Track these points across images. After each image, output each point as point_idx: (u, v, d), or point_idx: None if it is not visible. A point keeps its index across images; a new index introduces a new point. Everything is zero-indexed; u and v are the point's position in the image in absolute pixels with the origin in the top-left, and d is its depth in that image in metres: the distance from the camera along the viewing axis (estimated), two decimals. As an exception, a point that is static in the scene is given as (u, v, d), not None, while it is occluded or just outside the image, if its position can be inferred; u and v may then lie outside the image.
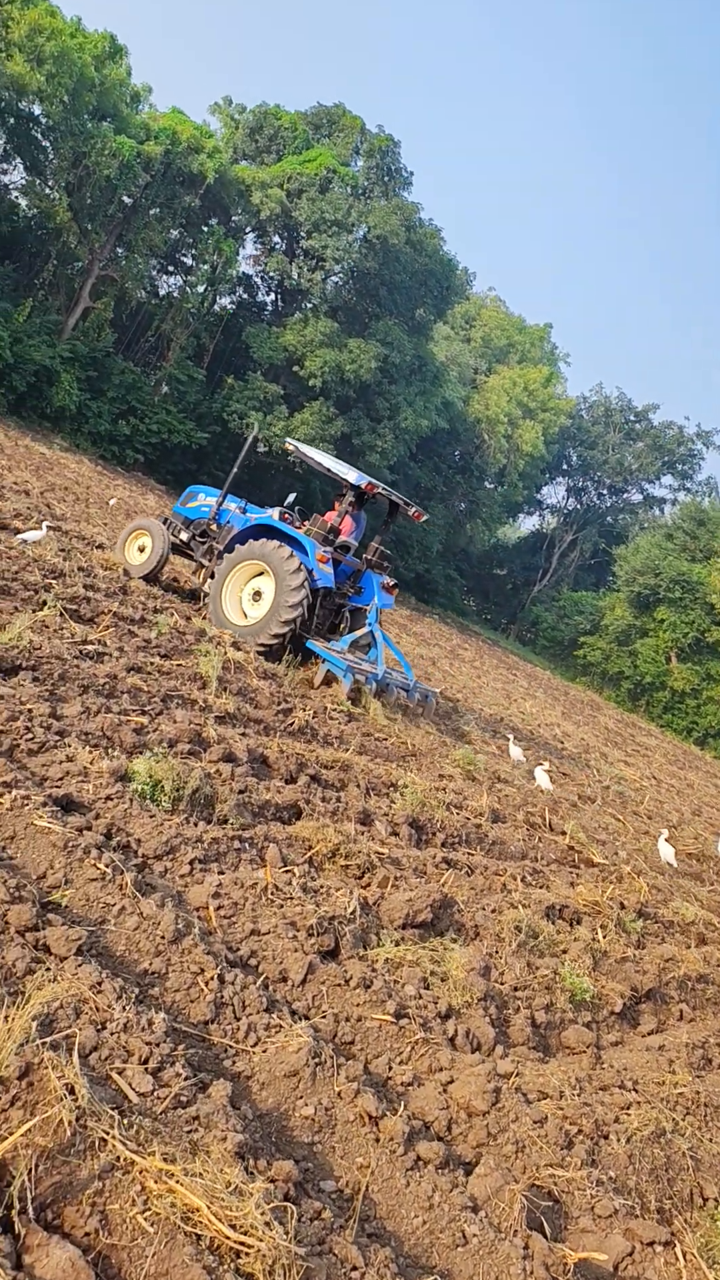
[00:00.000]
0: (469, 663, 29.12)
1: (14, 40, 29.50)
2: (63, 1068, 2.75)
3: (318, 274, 40.06)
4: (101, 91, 32.82)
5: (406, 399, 41.41)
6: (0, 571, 8.62)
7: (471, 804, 8.94)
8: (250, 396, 38.21)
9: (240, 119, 43.64)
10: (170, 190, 35.78)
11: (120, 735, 6.02)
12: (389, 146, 41.29)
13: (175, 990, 3.79)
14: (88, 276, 35.66)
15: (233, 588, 11.23)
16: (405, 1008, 4.38)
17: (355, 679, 10.63)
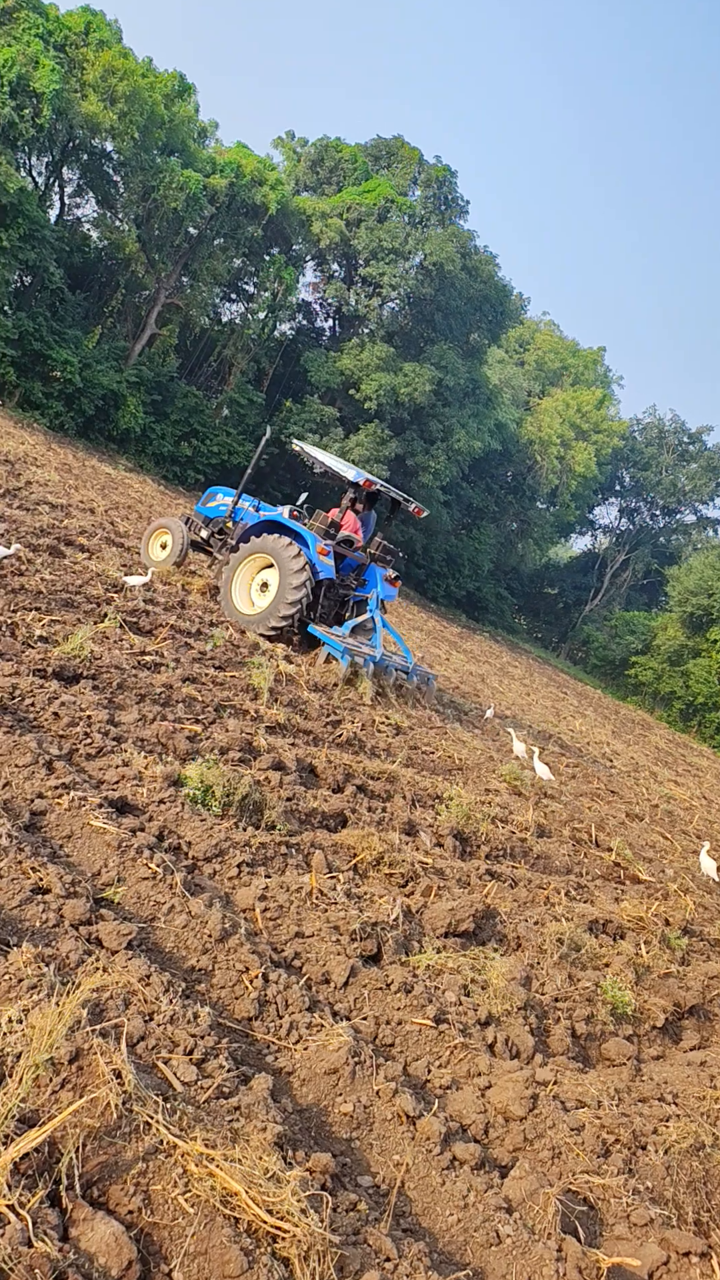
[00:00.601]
0: (518, 680, 28.92)
1: (89, 81, 30.41)
2: (111, 1054, 2.82)
3: (375, 300, 40.43)
4: (170, 128, 33.63)
5: (460, 421, 41.46)
6: (65, 585, 8.84)
7: (517, 818, 8.89)
8: (307, 419, 38.61)
9: (302, 152, 44.34)
10: (234, 221, 36.47)
11: (174, 742, 6.13)
12: (446, 176, 41.57)
13: (221, 987, 3.85)
14: (154, 304, 36.45)
15: (242, 579, 11.74)
16: (445, 1013, 4.39)
17: (352, 660, 11.08)
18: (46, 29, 29.98)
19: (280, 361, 42.23)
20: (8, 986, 3.01)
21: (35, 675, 6.26)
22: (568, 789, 11.95)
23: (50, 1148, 2.52)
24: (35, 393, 30.41)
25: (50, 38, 29.98)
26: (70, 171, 35.09)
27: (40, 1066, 2.60)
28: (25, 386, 30.15)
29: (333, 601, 12.47)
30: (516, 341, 59.01)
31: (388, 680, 11.77)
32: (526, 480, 52.27)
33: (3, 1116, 2.43)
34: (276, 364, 42.05)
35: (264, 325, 41.59)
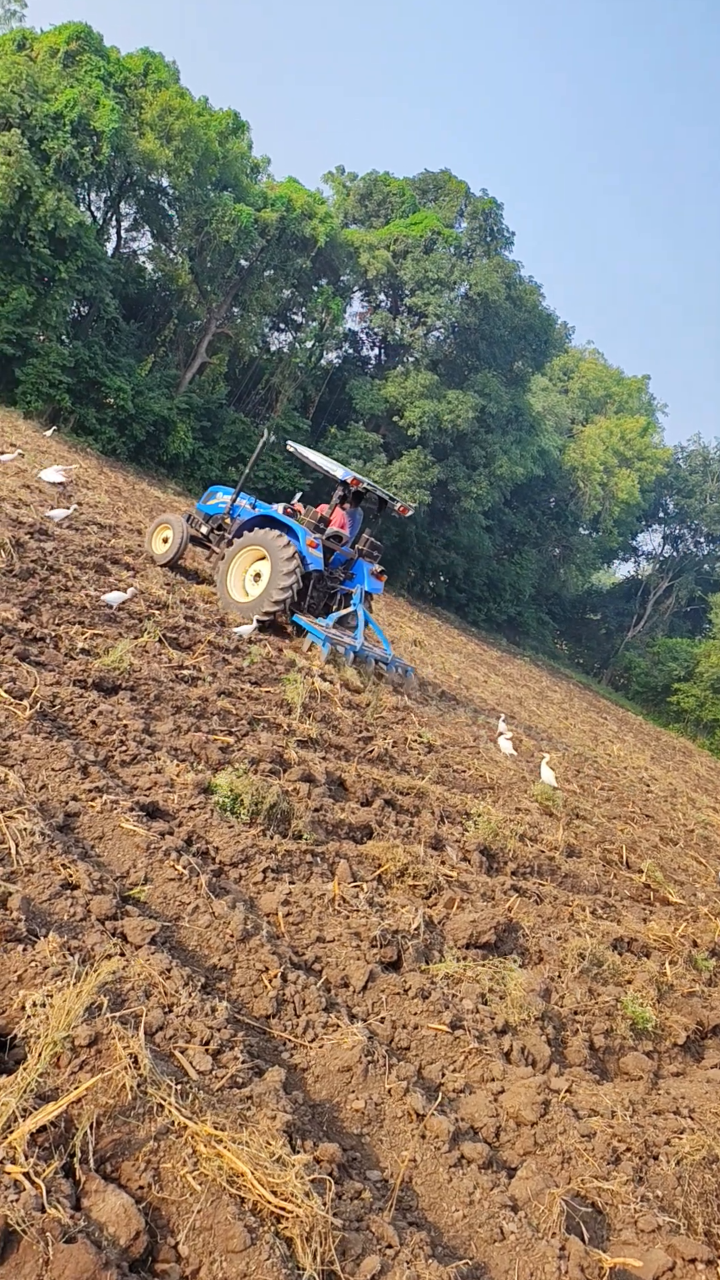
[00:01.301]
0: (557, 704, 28.72)
1: (147, 120, 31.32)
2: (129, 1040, 2.92)
3: (420, 329, 40.81)
4: (224, 164, 34.44)
5: (503, 447, 41.55)
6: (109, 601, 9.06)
7: (547, 837, 8.87)
8: (352, 445, 38.99)
9: (351, 186, 45.08)
10: (284, 253, 37.15)
11: (207, 752, 6.26)
12: (492, 209, 41.96)
13: (240, 985, 3.94)
14: (205, 334, 37.19)
15: (237, 571, 12.37)
16: (462, 1020, 4.42)
17: (333, 647, 11.72)
18: (107, 70, 30.97)
19: (326, 389, 42.75)
20: (34, 973, 3.13)
21: (76, 685, 6.44)
22: (600, 811, 11.87)
23: (67, 1124, 2.62)
24: (89, 418, 31.16)
25: (111, 79, 30.96)
26: (127, 206, 36.07)
27: (58, 1044, 2.70)
28: (80, 412, 30.91)
29: (321, 593, 13.14)
30: (560, 370, 59.04)
31: (367, 668, 12.37)
32: (569, 506, 52.10)
33: (22, 1090, 2.53)
34: (322, 391, 42.57)
35: (311, 354, 42.19)
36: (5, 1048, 2.84)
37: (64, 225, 28.23)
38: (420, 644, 24.47)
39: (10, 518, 10.41)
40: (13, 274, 28.67)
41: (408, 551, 44.06)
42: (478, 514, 42.45)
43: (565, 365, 59.53)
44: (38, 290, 29.41)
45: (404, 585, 44.02)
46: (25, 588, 8.07)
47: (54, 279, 29.48)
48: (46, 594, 8.26)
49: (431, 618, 38.14)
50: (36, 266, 28.90)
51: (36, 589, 8.21)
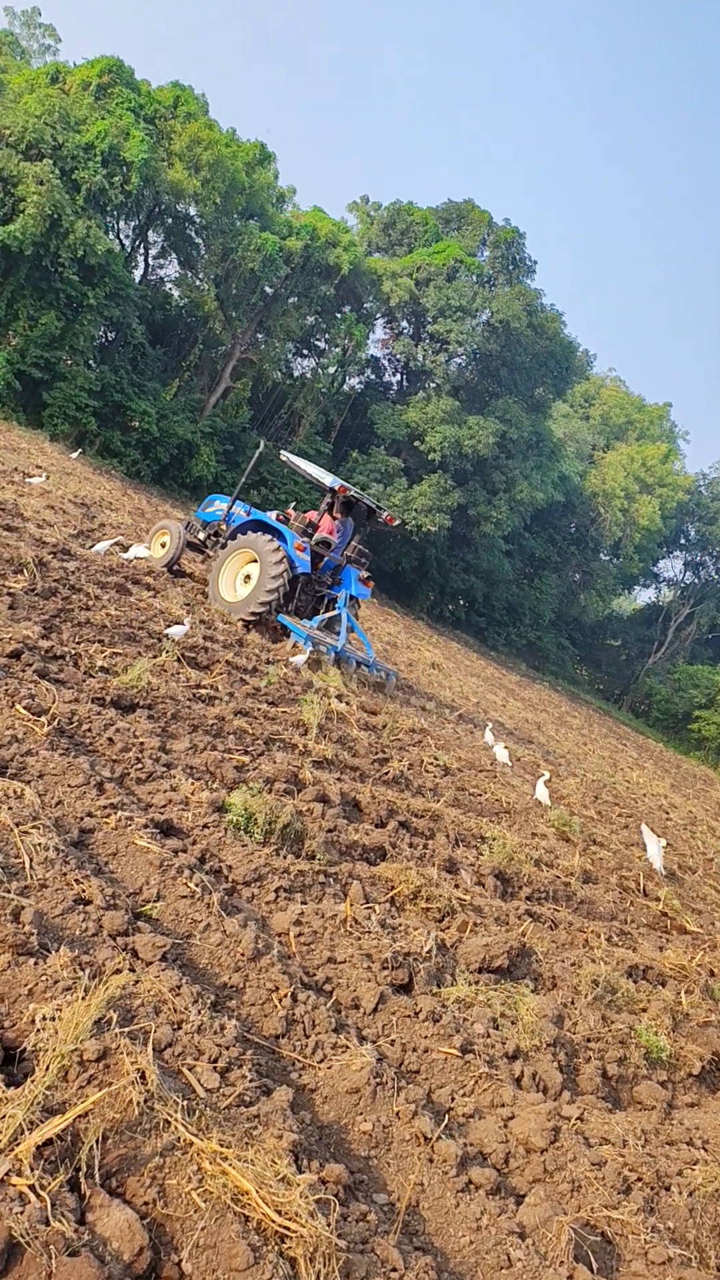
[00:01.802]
0: (576, 729, 28.55)
1: (175, 150, 31.91)
2: (137, 1055, 2.93)
3: (441, 356, 41.08)
4: (250, 193, 34.99)
5: (523, 473, 41.64)
6: (129, 621, 9.14)
7: (563, 863, 8.80)
8: (373, 469, 39.20)
9: (375, 215, 45.62)
10: (308, 281, 37.60)
11: (222, 771, 6.28)
12: (514, 238, 42.34)
13: (250, 1004, 3.93)
14: (229, 359, 37.62)
15: (228, 572, 12.90)
16: (472, 1044, 4.39)
17: (315, 647, 12.07)
18: (138, 103, 31.60)
19: (348, 414, 43.08)
20: (44, 987, 3.14)
21: (94, 703, 6.49)
22: (618, 838, 11.76)
23: (73, 1137, 2.62)
24: (114, 441, 31.54)
25: (141, 111, 31.58)
26: (155, 234, 36.68)
27: (66, 1058, 2.71)
28: (105, 435, 31.30)
29: (310, 597, 13.68)
30: (582, 396, 59.19)
31: (349, 669, 12.71)
32: (589, 532, 52.06)
33: (29, 1103, 2.54)
34: (344, 416, 42.90)
35: (334, 379, 42.57)
36: (14, 1061, 2.85)
37: (93, 253, 28.72)
38: (438, 667, 24.44)
39: (34, 538, 10.54)
40: (42, 300, 29.18)
41: (427, 575, 44.12)
42: (498, 538, 42.52)
43: (586, 392, 59.68)
44: (66, 316, 29.90)
45: (423, 608, 44.05)
46: (47, 606, 8.16)
47: (82, 305, 29.97)
48: (68, 613, 8.34)
49: (450, 641, 38.10)
50: (65, 293, 29.40)
51: (58, 608, 8.29)
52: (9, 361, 28.34)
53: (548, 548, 50.21)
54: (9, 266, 28.46)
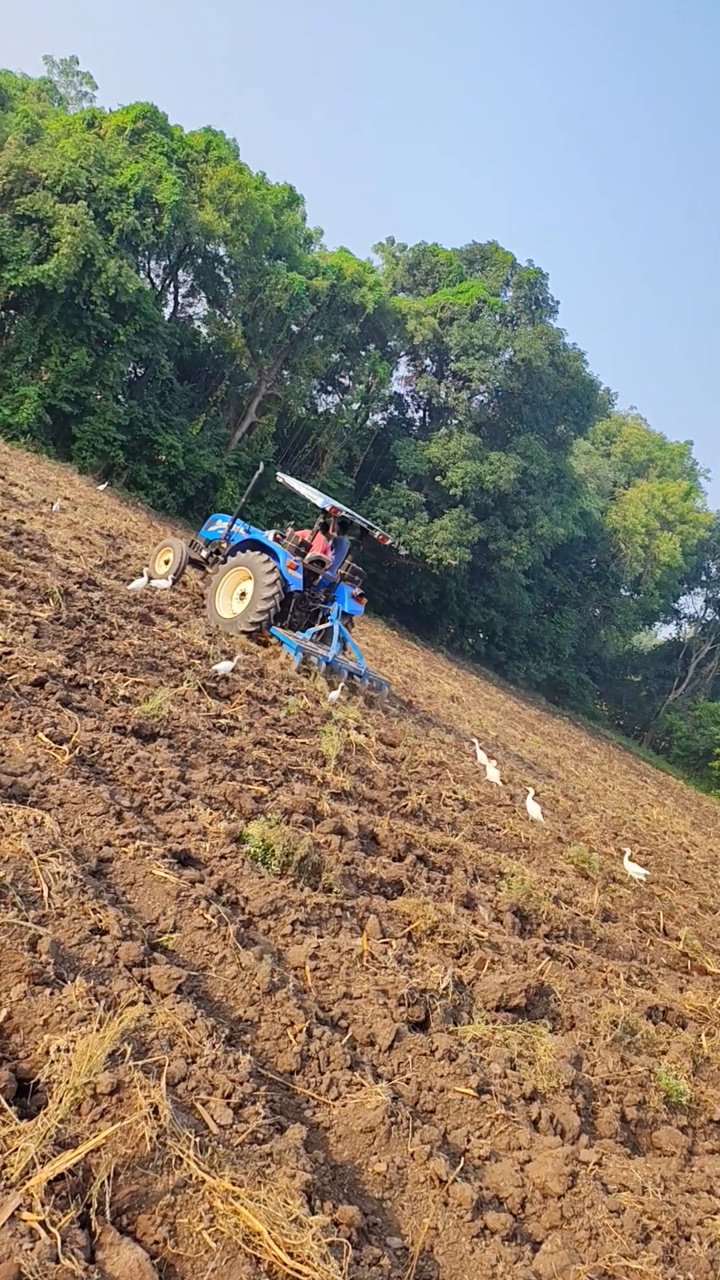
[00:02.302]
0: (596, 765, 28.28)
1: (206, 193, 32.62)
2: (150, 1089, 2.89)
3: (464, 393, 41.41)
4: (278, 234, 35.65)
5: (544, 508, 41.73)
6: (151, 650, 9.18)
7: (582, 900, 8.67)
8: (394, 503, 39.41)
9: (400, 256, 46.32)
10: (333, 319, 38.14)
11: (240, 802, 6.26)
12: (537, 279, 42.79)
13: (265, 1039, 3.88)
14: (255, 395, 38.11)
15: (225, 589, 13.31)
16: (489, 1084, 4.30)
17: (305, 656, 12.42)
18: (171, 147, 32.38)
19: (371, 449, 43.43)
20: (59, 1018, 3.11)
21: (115, 732, 6.50)
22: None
23: (84, 1172, 2.58)
24: (141, 474, 31.94)
25: (174, 155, 32.34)
26: (185, 273, 37.41)
27: (79, 1090, 2.68)
28: (133, 468, 31.71)
29: (304, 613, 14.08)
30: (603, 434, 59.38)
31: (340, 678, 12.98)
32: (610, 567, 51.95)
33: (41, 1136, 2.51)
34: (367, 451, 43.25)
35: (357, 415, 42.98)
36: (28, 1093, 2.82)
37: (124, 291, 29.29)
38: (458, 700, 24.35)
39: (61, 568, 10.64)
40: (74, 336, 29.75)
41: (448, 608, 44.13)
42: (518, 573, 42.51)
43: (608, 430, 59.88)
44: (97, 352, 30.44)
45: (443, 641, 44.01)
46: (72, 635, 8.21)
47: (113, 341, 30.52)
48: (91, 642, 8.39)
49: (470, 674, 37.98)
50: (97, 330, 29.96)
51: (82, 637, 8.34)
52: (40, 396, 28.84)
53: (568, 583, 50.13)
54: (43, 304, 29.07)
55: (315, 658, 12.57)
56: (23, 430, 28.05)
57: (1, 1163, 2.41)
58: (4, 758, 5.23)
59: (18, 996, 3.13)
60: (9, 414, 28.15)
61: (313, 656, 12.55)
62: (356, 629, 20.97)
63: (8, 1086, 2.68)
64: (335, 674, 13.00)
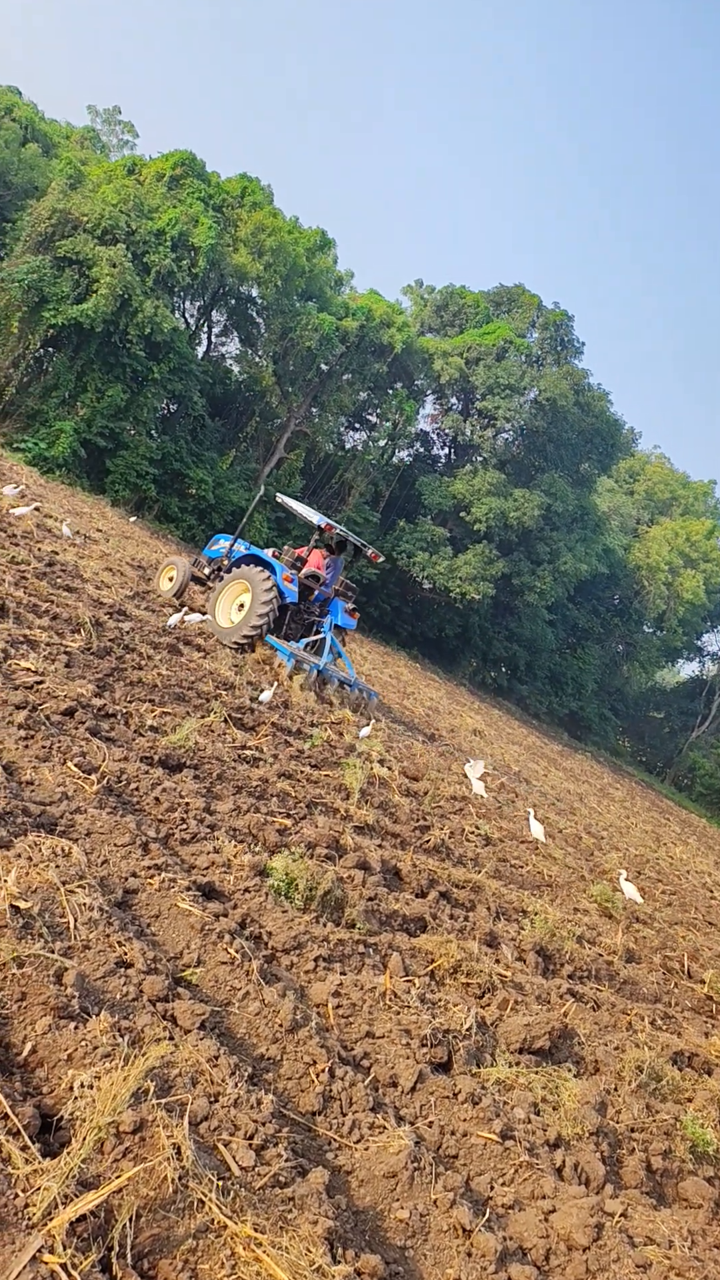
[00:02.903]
0: (618, 802, 27.90)
1: (240, 237, 33.25)
2: (173, 1129, 2.83)
3: (489, 431, 41.63)
4: (310, 277, 36.22)
5: (567, 545, 41.68)
6: (179, 681, 9.20)
7: (605, 940, 8.51)
8: (419, 538, 39.52)
9: (429, 298, 46.89)
10: (362, 359, 38.57)
11: (264, 834, 6.21)
12: (563, 320, 43.10)
13: (287, 1077, 3.81)
14: (284, 431, 38.52)
15: (224, 601, 13.90)
16: (513, 1130, 4.19)
17: (296, 663, 12.87)
18: (208, 193, 33.08)
19: (397, 485, 43.67)
20: (83, 1053, 3.07)
21: (142, 762, 6.49)
22: (661, 916, 11.37)
23: (107, 1214, 2.53)
24: (172, 507, 32.29)
25: (210, 200, 33.03)
26: (218, 313, 38.04)
27: (103, 1129, 2.63)
28: (164, 501, 32.07)
29: (299, 625, 14.64)
30: (626, 472, 59.37)
31: (331, 687, 13.56)
32: (633, 604, 51.67)
33: (64, 1176, 2.46)
34: (393, 487, 43.50)
35: (384, 452, 43.30)
36: (51, 1129, 2.78)
37: (159, 330, 29.80)
38: (480, 734, 24.18)
39: (92, 599, 10.73)
40: (110, 373, 30.25)
41: (470, 641, 44.02)
42: (541, 608, 42.38)
43: (631, 468, 59.87)
44: (131, 388, 30.93)
45: (466, 674, 43.84)
46: (101, 665, 8.25)
47: (147, 379, 31.00)
48: (121, 672, 8.42)
49: (493, 708, 37.76)
50: (132, 367, 30.46)
51: (112, 667, 8.38)
52: (76, 431, 29.30)
53: (591, 618, 49.88)
54: (81, 342, 29.63)
55: (307, 665, 13.07)
56: (58, 463, 28.47)
57: (24, 1202, 2.37)
58: (33, 787, 5.23)
59: (42, 1030, 3.09)
60: (45, 447, 28.61)
61: (305, 665, 13.03)
62: (362, 646, 20.86)
63: (31, 1123, 2.64)
64: (327, 682, 13.57)
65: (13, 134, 35.98)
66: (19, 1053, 3.04)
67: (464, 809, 11.07)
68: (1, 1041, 3.04)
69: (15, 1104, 2.68)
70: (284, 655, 12.97)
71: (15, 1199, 2.38)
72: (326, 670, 13.56)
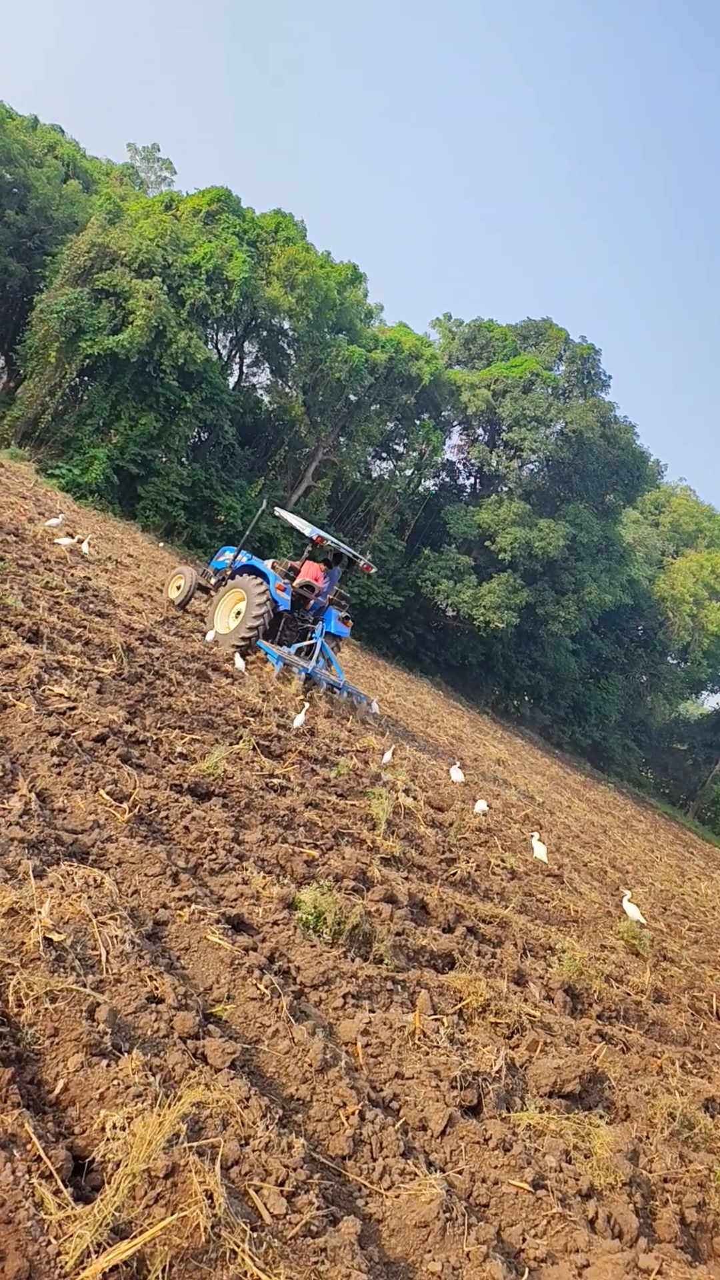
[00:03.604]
0: (642, 834, 27.50)
1: (273, 270, 33.71)
2: (205, 1174, 2.76)
3: (515, 462, 41.69)
4: (341, 310, 36.61)
5: (592, 575, 41.48)
6: (208, 708, 9.19)
7: (632, 979, 8.33)
8: (444, 566, 39.52)
9: (457, 331, 47.22)
10: (390, 390, 38.85)
11: (292, 865, 6.14)
12: (590, 354, 43.20)
13: (317, 1119, 3.72)
14: (312, 460, 38.79)
15: (223, 608, 14.53)
16: (544, 1179, 4.07)
17: (285, 666, 13.32)
18: (242, 228, 33.60)
19: (422, 513, 43.77)
20: (115, 1092, 3.01)
21: (172, 789, 6.46)
22: (689, 954, 11.13)
23: (139, 1263, 2.46)
24: (201, 533, 32.52)
25: (245, 235, 33.55)
26: (250, 345, 38.50)
27: (137, 1177, 2.57)
28: (193, 528, 32.33)
29: (294, 632, 15.22)
30: (652, 504, 59.14)
31: (319, 690, 13.98)
32: (657, 635, 51.26)
33: (97, 1223, 2.40)
34: (418, 516, 43.60)
35: (410, 481, 43.45)
36: (83, 1171, 2.72)
37: (192, 361, 30.19)
38: (504, 763, 23.97)
39: (124, 624, 10.77)
40: (143, 402, 30.66)
41: (493, 669, 43.82)
42: (565, 637, 42.15)
43: (656, 500, 59.64)
44: (164, 417, 31.31)
45: (488, 702, 43.60)
46: (132, 691, 8.25)
47: (179, 408, 31.37)
48: (151, 698, 8.42)
49: (515, 737, 37.47)
50: (165, 396, 30.85)
51: (142, 693, 8.38)
52: (109, 458, 29.66)
53: (615, 649, 49.52)
54: (116, 371, 30.07)
55: (296, 669, 13.51)
56: (91, 489, 28.80)
57: (57, 1250, 2.31)
58: (66, 814, 5.21)
59: (75, 1067, 3.04)
60: (79, 474, 28.96)
61: (294, 668, 13.47)
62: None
63: (64, 1167, 2.58)
64: (316, 685, 14.00)
65: (55, 171, 36.81)
66: (51, 1090, 2.99)
67: (489, 841, 10.93)
68: (34, 1079, 2.99)
69: (48, 1145, 2.62)
70: (273, 659, 13.45)
71: (48, 1246, 2.32)
72: (316, 674, 14.00)
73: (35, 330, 30.29)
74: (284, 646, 14.42)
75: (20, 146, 35.06)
